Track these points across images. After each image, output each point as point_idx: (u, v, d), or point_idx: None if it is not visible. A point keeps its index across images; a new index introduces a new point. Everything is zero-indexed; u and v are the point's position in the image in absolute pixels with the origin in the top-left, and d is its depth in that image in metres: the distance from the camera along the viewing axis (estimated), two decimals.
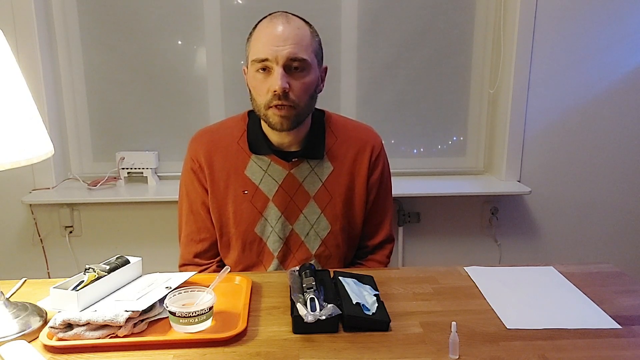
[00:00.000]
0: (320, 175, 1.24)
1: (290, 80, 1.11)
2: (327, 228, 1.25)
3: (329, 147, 1.25)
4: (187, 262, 1.30)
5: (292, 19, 1.14)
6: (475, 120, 2.09)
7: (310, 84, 1.14)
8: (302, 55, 1.11)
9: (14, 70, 0.88)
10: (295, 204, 1.24)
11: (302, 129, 1.21)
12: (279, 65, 1.09)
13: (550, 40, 1.92)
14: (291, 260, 1.26)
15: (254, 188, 1.23)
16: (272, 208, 1.23)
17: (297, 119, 1.15)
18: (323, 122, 1.27)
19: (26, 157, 0.86)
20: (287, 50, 1.09)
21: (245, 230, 1.24)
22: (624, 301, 1.01)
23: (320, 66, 1.19)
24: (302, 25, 1.14)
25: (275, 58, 1.09)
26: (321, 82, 1.21)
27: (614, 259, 2.14)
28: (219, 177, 1.24)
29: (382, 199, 1.31)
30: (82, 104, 1.97)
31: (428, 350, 0.85)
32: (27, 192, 1.90)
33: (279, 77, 1.09)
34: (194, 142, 1.28)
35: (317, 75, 1.17)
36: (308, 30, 1.15)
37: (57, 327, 0.85)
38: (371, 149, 1.27)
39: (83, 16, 1.90)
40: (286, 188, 1.23)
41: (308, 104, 1.16)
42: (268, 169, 1.23)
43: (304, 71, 1.12)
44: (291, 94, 1.11)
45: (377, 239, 1.33)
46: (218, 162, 1.24)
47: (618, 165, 2.06)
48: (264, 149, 1.22)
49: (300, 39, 1.11)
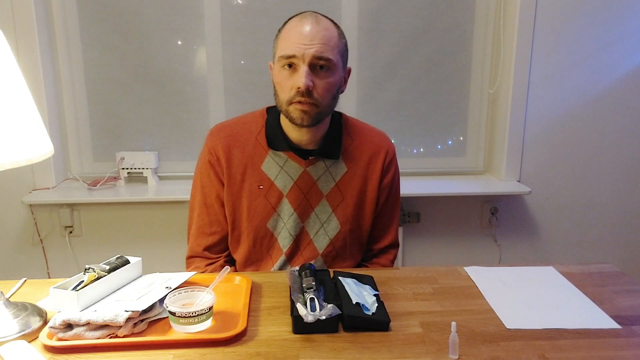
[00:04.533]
0: (335, 175, 1.25)
1: (314, 78, 1.12)
2: (337, 228, 1.26)
3: (344, 148, 1.26)
4: (196, 254, 1.30)
5: (321, 19, 1.15)
6: (475, 120, 2.09)
7: (334, 84, 1.15)
8: (328, 55, 1.11)
9: (14, 70, 0.88)
10: (308, 201, 1.24)
11: (320, 128, 1.22)
12: (304, 63, 1.10)
13: (550, 40, 1.92)
14: (298, 258, 1.27)
15: (269, 183, 1.23)
16: (286, 204, 1.24)
17: (318, 117, 1.16)
18: (340, 124, 1.28)
19: (26, 157, 0.86)
20: (314, 49, 1.10)
21: (257, 224, 1.25)
22: (624, 301, 1.01)
23: (344, 68, 1.20)
24: (331, 27, 1.15)
25: (302, 56, 1.10)
26: (344, 83, 1.22)
27: (614, 259, 2.14)
28: (236, 170, 1.24)
29: (390, 204, 1.32)
30: (82, 104, 1.98)
31: (428, 350, 0.85)
32: (27, 192, 1.90)
33: (304, 75, 1.10)
34: (213, 135, 1.27)
35: (341, 76, 1.18)
36: (336, 32, 1.16)
37: (57, 327, 0.85)
38: (385, 154, 1.28)
39: (83, 16, 1.90)
40: (301, 185, 1.24)
41: (330, 103, 1.17)
42: (285, 165, 1.23)
43: (329, 71, 1.13)
44: (315, 92, 1.12)
45: (382, 243, 1.34)
46: (236, 156, 1.24)
47: (618, 165, 2.06)
48: (281, 145, 1.23)
49: (328, 39, 1.12)
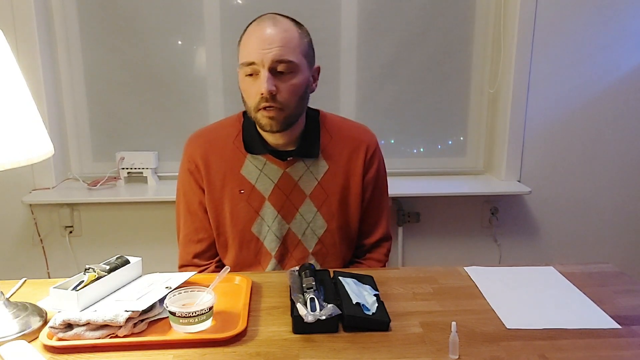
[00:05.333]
0: (316, 174, 1.24)
1: (277, 82, 1.11)
2: (324, 226, 1.26)
3: (323, 146, 1.25)
4: (186, 263, 1.30)
5: (280, 21, 1.13)
6: (475, 120, 2.09)
7: (299, 86, 1.14)
8: (289, 57, 1.10)
9: (14, 70, 0.88)
10: (292, 202, 1.24)
11: (296, 129, 1.21)
12: (265, 68, 1.09)
13: (550, 40, 1.92)
14: (289, 260, 1.27)
15: (250, 187, 1.23)
16: (269, 207, 1.24)
17: (287, 121, 1.15)
18: (318, 122, 1.27)
19: (26, 157, 0.86)
20: (273, 53, 1.09)
21: (242, 229, 1.24)
22: (624, 301, 1.01)
23: (311, 67, 1.19)
24: (290, 27, 1.13)
25: (262, 61, 1.09)
26: (314, 82, 1.21)
27: (614, 259, 2.14)
28: (215, 177, 1.24)
29: (377, 198, 1.31)
30: (82, 104, 1.97)
31: (428, 350, 0.85)
32: (27, 192, 1.90)
33: (265, 81, 1.09)
34: (190, 143, 1.28)
35: (307, 76, 1.17)
36: (296, 32, 1.14)
37: (57, 327, 0.85)
38: (366, 148, 1.27)
39: (83, 16, 1.90)
40: (282, 187, 1.23)
41: (298, 105, 1.16)
42: (264, 168, 1.23)
43: (292, 73, 1.12)
44: (279, 96, 1.11)
45: (374, 237, 1.33)
46: (214, 162, 1.24)
47: (618, 165, 2.06)
48: (259, 148, 1.22)
49: (287, 41, 1.10)
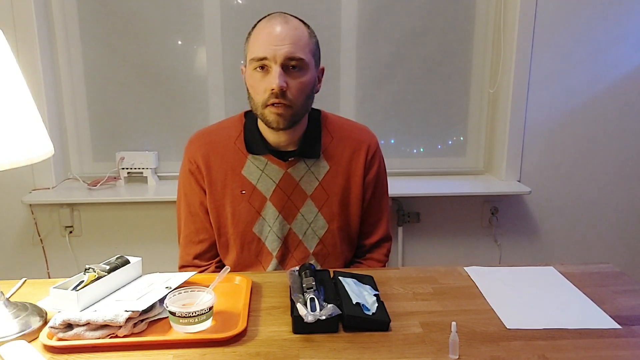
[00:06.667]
0: (317, 174, 1.25)
1: (287, 79, 1.12)
2: (325, 227, 1.26)
3: (325, 146, 1.26)
4: (187, 264, 1.30)
5: (290, 19, 1.15)
6: (475, 120, 2.09)
7: (307, 84, 1.15)
8: (300, 54, 1.12)
9: (14, 70, 0.88)
10: (293, 203, 1.24)
11: (298, 129, 1.21)
12: (277, 64, 1.10)
13: (550, 40, 1.92)
14: (290, 260, 1.27)
15: (251, 188, 1.23)
16: (270, 207, 1.24)
17: (294, 118, 1.16)
18: (319, 122, 1.27)
19: (26, 157, 0.86)
20: (285, 50, 1.10)
21: (243, 230, 1.25)
22: (624, 301, 1.01)
23: (317, 67, 1.20)
24: (300, 26, 1.15)
25: (274, 57, 1.10)
26: (318, 82, 1.22)
27: (614, 259, 2.14)
28: (217, 177, 1.24)
29: (378, 198, 1.32)
30: (82, 103, 1.97)
31: (428, 350, 0.85)
32: (27, 192, 1.90)
33: (277, 76, 1.10)
34: (191, 144, 1.28)
35: (314, 76, 1.18)
36: (306, 31, 1.16)
37: (57, 327, 0.85)
38: (367, 149, 1.27)
39: (83, 16, 1.90)
40: (283, 187, 1.23)
41: (304, 103, 1.17)
42: (265, 168, 1.23)
43: (302, 71, 1.13)
44: (288, 93, 1.12)
45: (374, 237, 1.34)
46: (215, 163, 1.24)
47: (618, 165, 2.06)
48: (260, 148, 1.23)
49: (298, 38, 1.12)
